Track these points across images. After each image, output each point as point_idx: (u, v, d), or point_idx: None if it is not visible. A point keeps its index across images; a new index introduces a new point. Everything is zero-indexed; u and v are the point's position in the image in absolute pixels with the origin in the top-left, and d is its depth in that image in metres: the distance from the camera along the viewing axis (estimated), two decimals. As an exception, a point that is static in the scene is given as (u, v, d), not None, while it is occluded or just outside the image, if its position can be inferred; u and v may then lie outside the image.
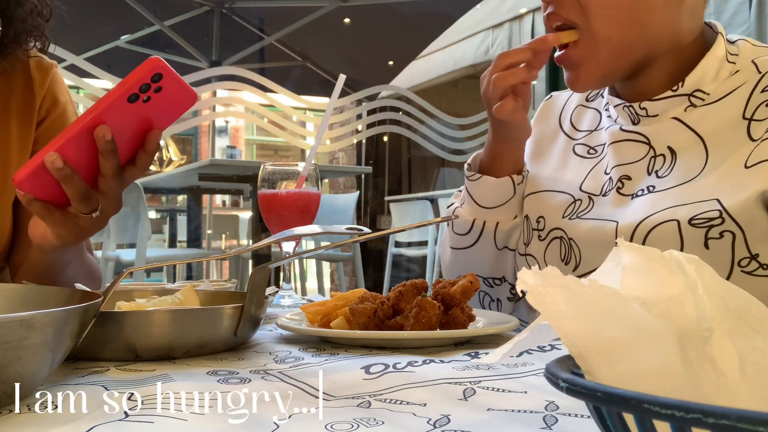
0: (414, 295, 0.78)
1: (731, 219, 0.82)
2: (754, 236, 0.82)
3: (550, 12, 0.92)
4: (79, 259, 1.05)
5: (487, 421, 0.45)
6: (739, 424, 0.21)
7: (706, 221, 0.83)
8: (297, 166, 1.16)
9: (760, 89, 0.88)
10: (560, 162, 1.07)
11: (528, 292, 0.30)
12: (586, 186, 1.00)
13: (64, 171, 0.73)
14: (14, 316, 0.44)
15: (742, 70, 0.91)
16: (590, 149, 1.04)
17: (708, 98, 0.91)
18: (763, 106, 0.86)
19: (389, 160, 7.52)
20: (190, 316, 0.68)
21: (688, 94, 0.91)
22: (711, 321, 0.29)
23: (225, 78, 4.34)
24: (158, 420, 0.45)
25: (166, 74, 0.71)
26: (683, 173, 0.89)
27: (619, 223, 0.90)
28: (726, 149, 0.87)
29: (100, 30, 5.42)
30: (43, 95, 1.09)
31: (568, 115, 1.11)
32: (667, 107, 0.93)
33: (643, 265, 0.32)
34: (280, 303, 1.11)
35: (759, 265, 0.83)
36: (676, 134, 0.92)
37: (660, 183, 0.90)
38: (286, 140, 4.87)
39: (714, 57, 0.91)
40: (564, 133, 1.10)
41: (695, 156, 0.89)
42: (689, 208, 0.84)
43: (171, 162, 9.63)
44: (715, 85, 0.91)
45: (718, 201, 0.83)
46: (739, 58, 0.92)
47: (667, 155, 0.92)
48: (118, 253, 3.89)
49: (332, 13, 5.42)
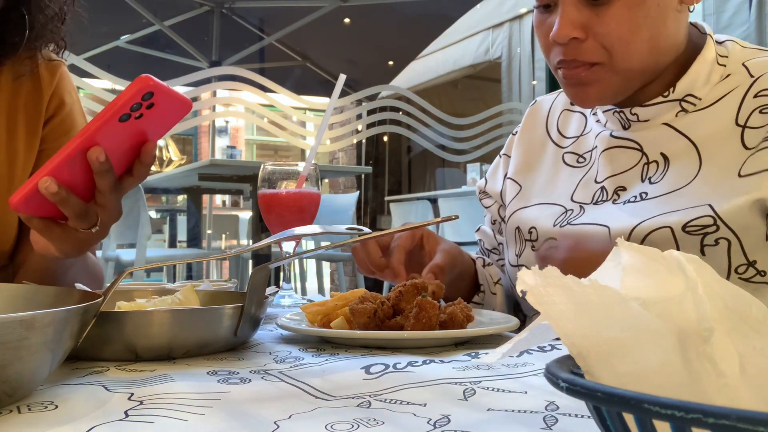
0: (414, 295, 0.78)
1: (725, 225, 0.81)
2: (750, 243, 0.81)
3: (566, 59, 0.88)
4: (82, 262, 1.05)
5: (487, 421, 0.45)
6: (739, 424, 0.21)
7: (701, 228, 0.82)
8: (297, 166, 1.16)
9: (753, 94, 0.87)
10: (551, 173, 1.06)
11: (528, 292, 0.30)
12: (577, 196, 0.99)
13: (60, 194, 0.72)
14: (14, 316, 0.44)
15: (734, 74, 0.90)
16: (579, 157, 1.02)
17: (700, 103, 0.90)
18: (756, 112, 0.85)
19: (389, 160, 7.52)
20: (190, 316, 0.68)
21: (680, 99, 0.90)
22: (711, 321, 0.29)
23: (225, 78, 4.34)
24: (158, 420, 0.45)
25: (158, 91, 0.69)
26: (676, 180, 0.88)
27: (610, 227, 0.89)
28: (719, 156, 0.86)
29: (100, 30, 5.41)
30: (51, 94, 1.09)
31: (554, 121, 1.10)
32: (658, 113, 0.91)
33: (643, 265, 0.32)
34: (280, 303, 1.11)
35: (756, 271, 0.82)
36: (668, 140, 0.91)
37: (652, 189, 0.89)
38: (286, 140, 4.87)
39: (704, 60, 0.90)
40: (552, 141, 1.09)
41: (688, 162, 0.88)
42: (681, 213, 0.83)
43: (171, 162, 9.63)
44: (707, 89, 0.90)
45: (711, 206, 0.82)
46: (729, 60, 0.91)
47: (661, 162, 0.91)
48: (118, 253, 3.89)
49: (332, 13, 5.42)
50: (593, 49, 0.86)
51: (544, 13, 0.90)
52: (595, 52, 0.86)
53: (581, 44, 0.86)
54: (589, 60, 0.87)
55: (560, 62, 0.89)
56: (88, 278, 1.07)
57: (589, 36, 0.86)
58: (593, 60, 0.87)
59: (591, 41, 0.86)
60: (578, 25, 0.85)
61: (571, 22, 0.85)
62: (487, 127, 5.17)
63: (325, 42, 6.13)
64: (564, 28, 0.85)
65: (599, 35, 0.85)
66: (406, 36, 6.04)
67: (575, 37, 0.86)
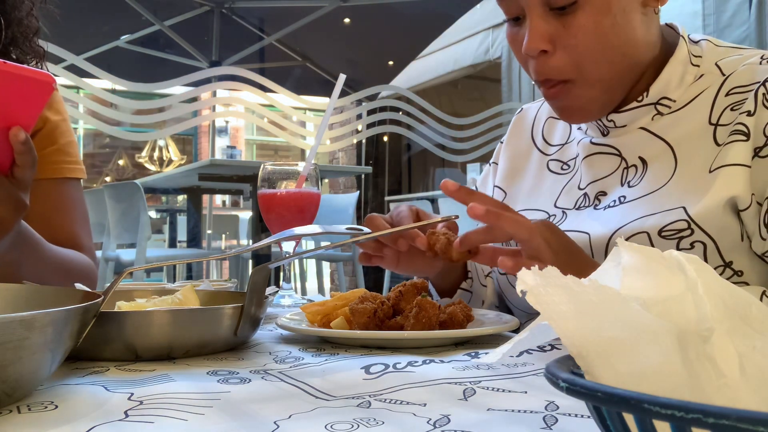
0: (414, 295, 0.78)
1: (699, 229, 0.81)
2: (725, 244, 0.81)
3: (538, 76, 0.89)
4: (33, 259, 1.03)
5: (487, 421, 0.45)
6: (739, 424, 0.21)
7: (676, 232, 0.82)
8: (297, 166, 1.16)
9: (724, 93, 0.87)
10: (535, 180, 1.06)
11: (528, 292, 0.30)
12: (561, 202, 1.00)
13: None
14: (14, 316, 0.44)
15: (707, 74, 0.90)
16: (563, 165, 1.03)
17: (674, 105, 0.90)
18: (728, 110, 0.86)
19: (389, 160, 7.52)
20: (190, 316, 0.68)
21: (654, 103, 0.90)
22: (711, 321, 0.29)
23: (225, 78, 4.34)
24: (158, 420, 0.45)
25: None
26: (652, 182, 0.88)
27: (591, 234, 0.90)
28: (693, 156, 0.86)
29: (100, 30, 5.42)
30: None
31: (539, 129, 1.11)
32: (634, 117, 0.92)
33: (643, 265, 0.32)
34: (280, 303, 1.11)
35: (734, 272, 0.82)
36: (645, 144, 0.91)
37: (630, 193, 0.90)
38: (286, 140, 4.87)
39: (677, 62, 0.90)
40: (537, 148, 1.10)
41: (665, 164, 0.88)
42: (657, 217, 0.84)
43: (171, 162, 9.63)
44: (681, 91, 0.90)
45: (684, 209, 0.82)
46: (702, 60, 0.91)
47: (639, 165, 0.91)
48: (118, 253, 3.89)
49: (332, 13, 5.42)
50: (562, 64, 0.86)
51: (514, 26, 0.91)
52: (564, 68, 0.86)
53: (550, 58, 0.86)
54: (558, 78, 0.87)
55: (535, 79, 0.90)
56: (59, 273, 1.05)
57: (557, 49, 0.85)
58: (563, 77, 0.87)
59: (560, 54, 0.85)
60: (546, 37, 0.85)
61: (540, 35, 0.85)
62: (487, 127, 5.18)
63: (325, 42, 6.13)
64: (533, 42, 0.85)
65: (568, 47, 0.85)
66: (406, 36, 6.04)
67: (544, 50, 0.86)
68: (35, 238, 1.01)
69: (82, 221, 1.19)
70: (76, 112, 4.15)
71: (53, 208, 1.14)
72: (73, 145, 1.20)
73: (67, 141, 1.18)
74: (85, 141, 10.12)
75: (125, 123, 4.73)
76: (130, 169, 10.16)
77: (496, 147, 1.20)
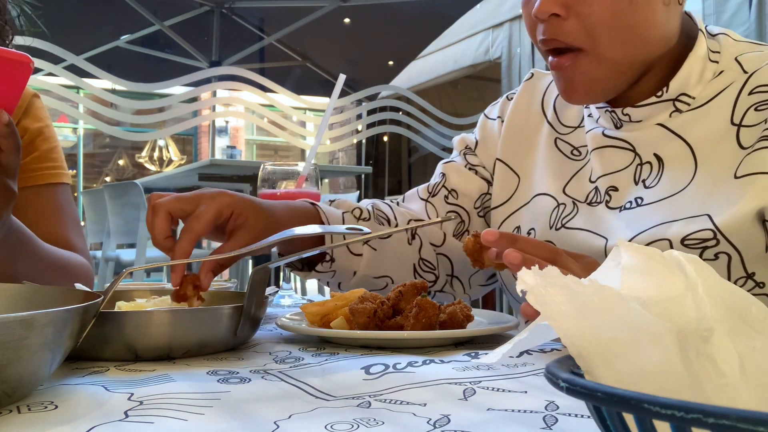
0: (414, 295, 0.78)
1: (726, 240, 0.78)
2: (750, 256, 0.79)
3: (546, 38, 0.85)
4: (28, 256, 1.02)
5: (487, 421, 0.45)
6: (739, 424, 0.21)
7: (700, 242, 0.79)
8: (297, 166, 1.16)
9: (747, 91, 0.83)
10: (545, 158, 1.01)
11: (528, 292, 0.30)
12: (570, 190, 0.96)
13: None
14: (14, 316, 0.44)
15: (727, 70, 0.87)
16: (574, 149, 0.99)
17: (694, 102, 0.87)
18: (752, 110, 0.82)
19: (389, 160, 7.52)
20: (190, 316, 0.68)
21: (673, 99, 0.87)
22: (711, 321, 0.29)
23: (225, 78, 4.35)
24: (158, 420, 0.45)
25: None
26: (672, 184, 0.85)
27: (608, 240, 0.87)
28: (715, 158, 0.83)
29: (100, 30, 5.42)
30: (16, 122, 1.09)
31: (551, 101, 1.05)
32: (651, 113, 0.88)
33: (643, 265, 0.32)
34: (280, 303, 1.11)
35: (755, 284, 0.80)
36: (662, 141, 0.88)
37: (648, 194, 0.86)
38: (286, 140, 4.87)
39: (696, 57, 0.86)
40: (547, 121, 1.04)
41: (684, 165, 0.85)
42: (680, 225, 0.81)
43: (171, 162, 9.64)
44: (700, 87, 0.87)
45: (709, 217, 0.79)
46: (721, 56, 0.88)
47: (654, 163, 0.88)
48: (118, 253, 3.89)
49: (332, 13, 5.43)
50: (575, 30, 0.83)
51: None
52: (577, 34, 0.83)
53: (563, 23, 0.83)
54: (570, 42, 0.84)
55: (542, 42, 0.86)
56: (51, 272, 1.04)
57: (570, 15, 0.82)
58: (575, 43, 0.83)
59: (573, 21, 0.82)
60: (560, 2, 0.82)
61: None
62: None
63: (325, 42, 6.14)
64: (545, 4, 0.82)
65: (581, 15, 0.82)
66: (406, 36, 6.05)
67: (557, 13, 0.82)
68: (28, 235, 1.00)
69: (72, 224, 1.18)
70: (76, 112, 4.16)
71: (41, 215, 1.13)
72: (56, 150, 1.19)
73: (50, 147, 1.18)
74: (85, 141, 10.12)
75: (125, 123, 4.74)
76: (130, 169, 10.17)
77: (500, 100, 1.12)
